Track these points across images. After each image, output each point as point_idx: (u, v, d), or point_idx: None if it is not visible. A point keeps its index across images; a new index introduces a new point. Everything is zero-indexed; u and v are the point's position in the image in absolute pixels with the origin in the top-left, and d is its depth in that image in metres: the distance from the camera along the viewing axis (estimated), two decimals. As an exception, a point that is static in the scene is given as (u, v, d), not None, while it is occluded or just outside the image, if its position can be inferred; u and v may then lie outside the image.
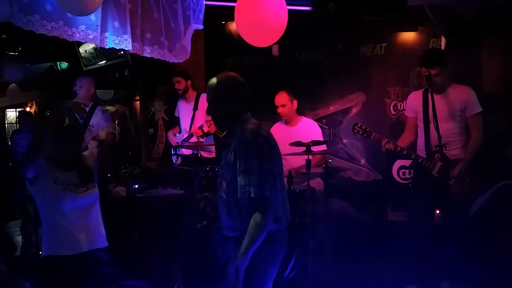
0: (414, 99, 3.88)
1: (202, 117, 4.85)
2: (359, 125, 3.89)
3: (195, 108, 5.04)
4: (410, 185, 4.29)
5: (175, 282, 3.74)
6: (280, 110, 4.51)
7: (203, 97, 4.99)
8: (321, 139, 4.44)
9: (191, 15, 3.98)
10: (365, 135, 3.83)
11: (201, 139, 4.69)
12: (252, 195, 2.17)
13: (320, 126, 4.75)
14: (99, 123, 4.35)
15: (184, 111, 5.18)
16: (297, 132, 4.37)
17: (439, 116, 3.53)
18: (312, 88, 4.74)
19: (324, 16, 4.88)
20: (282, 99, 4.49)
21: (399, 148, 3.72)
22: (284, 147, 4.01)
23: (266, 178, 2.22)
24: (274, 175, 2.29)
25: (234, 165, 2.25)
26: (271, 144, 2.37)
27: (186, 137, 4.99)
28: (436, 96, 3.61)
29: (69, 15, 2.99)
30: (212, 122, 4.37)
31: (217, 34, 5.83)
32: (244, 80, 2.44)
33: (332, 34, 5.23)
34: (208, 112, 2.57)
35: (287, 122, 4.59)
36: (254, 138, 2.28)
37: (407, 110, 4.03)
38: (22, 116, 8.79)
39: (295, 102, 4.52)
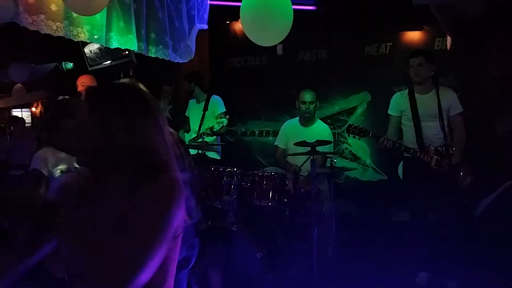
0: (400, 99, 4.04)
1: (211, 118, 4.86)
2: (353, 126, 3.94)
3: (205, 108, 5.03)
4: (403, 178, 4.25)
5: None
6: (307, 107, 4.40)
7: (213, 98, 5.02)
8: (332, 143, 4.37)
9: (196, 15, 3.99)
10: (361, 134, 3.87)
11: (208, 135, 4.64)
12: None
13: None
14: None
15: (194, 111, 5.18)
16: (312, 134, 4.27)
17: (425, 115, 3.74)
18: (317, 87, 4.71)
19: (328, 15, 4.87)
20: (312, 96, 4.41)
21: (397, 144, 3.80)
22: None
23: None
24: None
25: None
26: None
27: (194, 137, 4.97)
28: (423, 96, 3.85)
29: (74, 15, 3.01)
30: (224, 123, 4.40)
31: (221, 33, 5.83)
32: None
33: (336, 33, 5.22)
34: None
35: (304, 122, 4.50)
36: None
37: (392, 109, 4.11)
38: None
39: (317, 103, 4.49)
